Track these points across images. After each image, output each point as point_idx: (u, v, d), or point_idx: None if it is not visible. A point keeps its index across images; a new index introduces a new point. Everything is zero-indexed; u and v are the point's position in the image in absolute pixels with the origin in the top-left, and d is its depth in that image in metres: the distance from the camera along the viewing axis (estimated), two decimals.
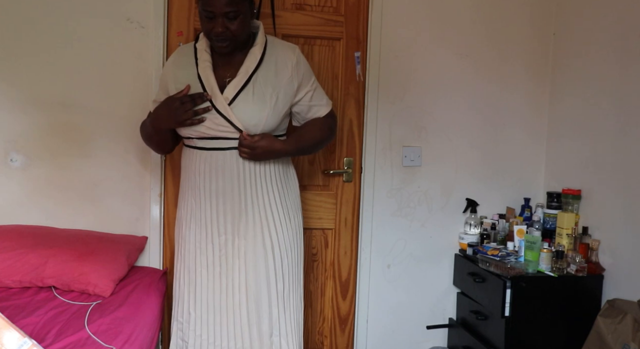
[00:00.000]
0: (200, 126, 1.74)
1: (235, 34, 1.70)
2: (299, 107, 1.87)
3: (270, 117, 1.76)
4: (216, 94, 1.73)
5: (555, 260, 2.20)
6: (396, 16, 2.48)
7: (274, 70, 1.78)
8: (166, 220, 2.41)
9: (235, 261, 1.79)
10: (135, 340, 1.69)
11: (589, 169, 2.35)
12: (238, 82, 1.75)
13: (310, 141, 1.91)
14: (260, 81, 1.76)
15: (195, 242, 1.83)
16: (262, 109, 1.74)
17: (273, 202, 1.82)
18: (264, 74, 1.77)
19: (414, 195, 2.58)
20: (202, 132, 1.75)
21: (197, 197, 1.81)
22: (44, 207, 2.29)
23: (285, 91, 1.80)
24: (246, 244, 1.79)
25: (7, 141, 2.26)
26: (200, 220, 1.81)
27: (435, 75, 2.55)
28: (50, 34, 2.25)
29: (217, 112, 1.73)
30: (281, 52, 1.81)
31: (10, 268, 1.98)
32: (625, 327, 1.95)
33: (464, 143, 2.60)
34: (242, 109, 1.73)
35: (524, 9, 2.59)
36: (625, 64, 2.17)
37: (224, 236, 1.79)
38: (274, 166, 1.84)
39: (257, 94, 1.75)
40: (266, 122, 1.76)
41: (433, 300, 2.63)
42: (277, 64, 1.79)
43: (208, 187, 1.78)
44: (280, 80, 1.78)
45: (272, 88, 1.77)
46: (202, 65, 1.77)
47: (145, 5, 2.29)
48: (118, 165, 2.34)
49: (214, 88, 1.74)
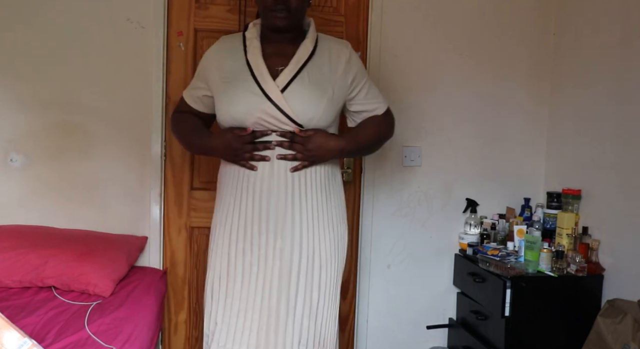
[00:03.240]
0: (248, 117, 1.59)
1: (293, 6, 1.59)
2: (353, 104, 1.75)
3: (327, 109, 1.63)
4: (267, 80, 1.58)
5: (555, 260, 2.20)
6: (396, 16, 2.48)
7: (328, 63, 1.67)
8: (166, 220, 2.41)
9: (276, 262, 1.63)
10: (135, 340, 1.69)
11: (589, 169, 2.35)
12: (291, 70, 1.61)
13: (369, 138, 1.77)
14: (314, 72, 1.63)
15: (230, 245, 1.66)
16: (319, 98, 1.61)
17: (316, 206, 1.67)
18: (317, 65, 1.65)
19: (414, 195, 2.58)
20: (250, 125, 1.61)
21: (237, 195, 1.66)
22: (44, 207, 2.29)
23: (339, 85, 1.67)
24: (289, 246, 1.64)
25: (7, 141, 2.26)
26: (239, 219, 1.65)
27: (436, 75, 2.55)
28: (50, 34, 2.25)
29: (268, 100, 1.57)
30: (334, 46, 1.71)
31: (10, 268, 1.98)
32: (625, 327, 1.94)
33: (464, 143, 2.59)
34: (297, 98, 1.59)
35: (524, 9, 2.59)
36: (625, 64, 2.17)
37: (265, 235, 1.63)
38: (322, 167, 1.69)
39: (312, 83, 1.61)
40: (322, 115, 1.62)
41: (433, 300, 2.63)
42: (330, 58, 1.68)
43: (252, 185, 1.63)
44: (334, 73, 1.67)
45: (326, 80, 1.64)
46: (252, 52, 1.63)
47: (145, 5, 2.29)
48: (118, 165, 2.34)
49: (265, 75, 1.59)
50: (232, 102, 1.61)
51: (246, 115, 1.59)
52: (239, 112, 1.60)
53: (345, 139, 1.69)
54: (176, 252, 2.42)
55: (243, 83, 1.61)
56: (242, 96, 1.60)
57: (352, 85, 1.71)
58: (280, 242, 1.63)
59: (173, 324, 2.44)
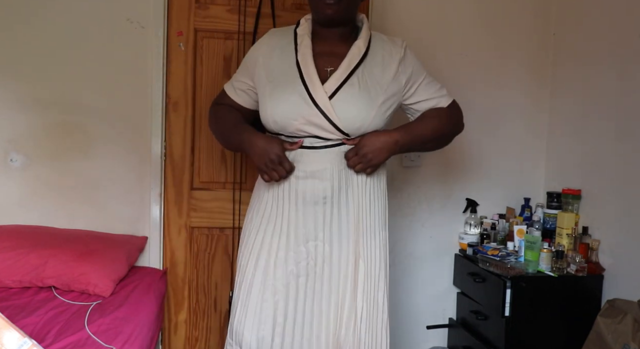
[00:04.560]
0: (292, 123, 1.50)
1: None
2: (411, 97, 1.63)
3: (377, 117, 1.52)
4: (316, 84, 1.48)
5: (555, 260, 2.20)
6: (396, 17, 2.48)
7: (380, 65, 1.56)
8: (166, 220, 2.41)
9: (326, 268, 1.54)
10: (135, 340, 1.68)
11: (589, 169, 2.35)
12: (341, 74, 1.51)
13: (429, 130, 1.62)
14: (366, 76, 1.53)
15: (269, 253, 1.55)
16: (369, 106, 1.51)
17: (362, 210, 1.57)
18: (369, 69, 1.54)
19: (414, 195, 2.58)
20: (293, 131, 1.51)
21: (279, 200, 1.55)
22: (44, 207, 2.29)
23: (392, 89, 1.56)
24: (337, 252, 1.54)
25: (7, 141, 2.26)
26: (282, 226, 1.54)
27: (436, 75, 2.50)
28: (50, 34, 2.25)
29: (315, 107, 1.48)
30: (387, 47, 1.60)
31: (10, 268, 1.98)
32: (625, 327, 1.94)
33: (464, 143, 2.59)
34: (345, 106, 1.49)
35: (524, 9, 2.59)
36: (625, 64, 2.17)
37: (313, 241, 1.53)
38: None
39: (363, 89, 1.51)
40: (371, 123, 1.52)
41: (433, 300, 2.63)
42: (384, 59, 1.57)
43: (294, 189, 1.53)
44: (387, 77, 1.56)
45: (378, 85, 1.54)
46: (303, 51, 1.53)
47: (145, 5, 2.29)
48: (118, 165, 2.34)
49: (314, 79, 1.49)
50: (276, 106, 1.51)
51: (290, 120, 1.50)
52: (283, 116, 1.50)
53: (398, 131, 1.55)
54: (176, 253, 2.42)
55: (290, 86, 1.51)
56: (287, 100, 1.50)
57: (408, 85, 1.61)
58: (330, 248, 1.54)
59: (173, 324, 2.44)
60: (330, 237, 1.54)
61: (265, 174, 1.50)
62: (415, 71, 1.62)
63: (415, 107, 1.65)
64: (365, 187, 1.58)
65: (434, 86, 1.67)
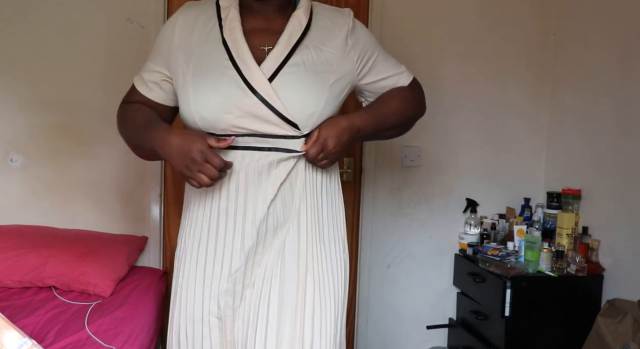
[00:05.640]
0: (224, 117, 1.18)
1: None
2: (365, 77, 1.36)
3: (330, 101, 1.24)
4: (250, 66, 1.18)
5: (555, 260, 2.20)
6: (396, 16, 2.48)
7: (327, 39, 1.27)
8: (166, 220, 2.41)
9: (264, 292, 1.25)
10: (135, 340, 1.69)
11: (589, 169, 2.35)
12: (281, 51, 1.21)
13: (392, 114, 1.36)
14: (311, 53, 1.24)
15: (204, 281, 1.29)
16: (320, 89, 1.22)
17: (315, 219, 1.28)
18: (313, 44, 1.25)
19: (414, 195, 2.58)
20: (226, 128, 1.20)
21: (209, 213, 1.26)
22: (44, 208, 2.29)
23: (344, 68, 1.28)
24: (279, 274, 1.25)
25: (7, 141, 2.26)
26: (212, 247, 1.26)
27: (435, 75, 2.55)
28: (50, 34, 2.25)
29: (252, 94, 1.17)
30: (333, 16, 1.31)
31: (10, 268, 1.98)
32: (625, 327, 1.94)
33: (464, 143, 2.60)
34: (289, 90, 1.19)
35: (524, 9, 2.59)
36: (625, 64, 2.17)
37: (251, 260, 1.24)
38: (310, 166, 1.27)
39: (309, 69, 1.22)
40: (324, 110, 1.23)
41: (433, 300, 2.63)
42: (330, 32, 1.28)
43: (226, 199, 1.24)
44: (336, 53, 1.27)
45: (327, 63, 1.25)
46: (229, 26, 1.23)
47: (145, 5, 2.29)
48: (118, 165, 2.33)
49: (247, 57, 1.19)
50: (200, 96, 1.19)
51: (221, 113, 1.18)
52: (211, 109, 1.19)
53: (358, 115, 1.31)
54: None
55: (218, 70, 1.20)
56: (215, 87, 1.19)
57: (361, 62, 1.33)
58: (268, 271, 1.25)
59: None
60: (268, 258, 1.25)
61: (191, 179, 1.16)
62: (368, 45, 1.35)
63: (371, 89, 1.39)
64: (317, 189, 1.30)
65: (391, 61, 1.42)
